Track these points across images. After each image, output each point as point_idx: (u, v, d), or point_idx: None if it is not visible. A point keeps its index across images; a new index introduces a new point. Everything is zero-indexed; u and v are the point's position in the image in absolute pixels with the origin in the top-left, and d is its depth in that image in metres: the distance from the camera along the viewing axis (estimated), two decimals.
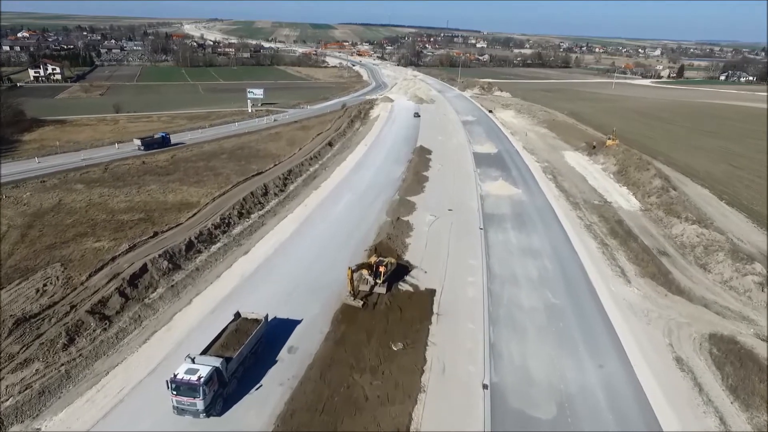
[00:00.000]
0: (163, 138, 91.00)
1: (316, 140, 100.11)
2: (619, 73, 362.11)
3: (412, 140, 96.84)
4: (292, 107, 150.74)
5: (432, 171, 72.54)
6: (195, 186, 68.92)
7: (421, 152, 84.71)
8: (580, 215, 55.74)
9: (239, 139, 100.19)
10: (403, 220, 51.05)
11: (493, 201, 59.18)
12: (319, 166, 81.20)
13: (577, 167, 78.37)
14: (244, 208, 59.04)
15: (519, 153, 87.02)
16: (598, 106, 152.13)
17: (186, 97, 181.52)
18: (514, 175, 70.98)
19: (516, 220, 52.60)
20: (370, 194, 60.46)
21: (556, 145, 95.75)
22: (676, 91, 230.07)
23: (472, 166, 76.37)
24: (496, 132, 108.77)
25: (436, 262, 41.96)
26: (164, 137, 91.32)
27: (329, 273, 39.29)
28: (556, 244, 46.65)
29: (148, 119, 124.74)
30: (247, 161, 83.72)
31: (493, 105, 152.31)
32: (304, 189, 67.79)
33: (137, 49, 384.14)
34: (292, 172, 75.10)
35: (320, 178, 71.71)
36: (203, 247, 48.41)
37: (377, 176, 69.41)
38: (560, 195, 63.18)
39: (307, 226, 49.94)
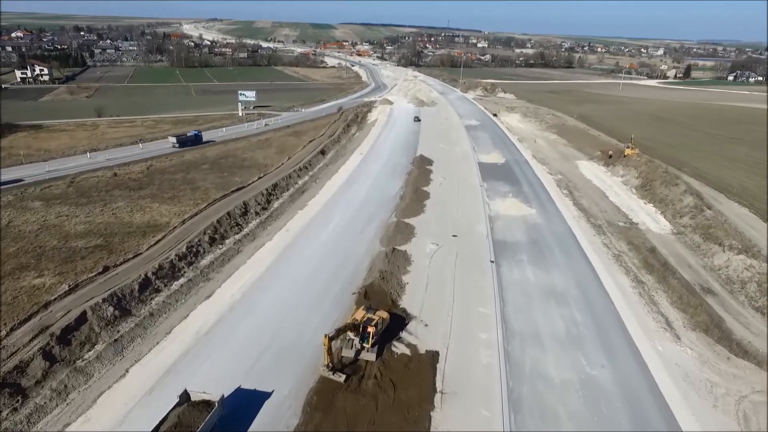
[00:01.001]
0: (196, 136, 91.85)
1: (307, 148, 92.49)
2: (624, 73, 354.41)
3: (412, 148, 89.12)
4: (286, 110, 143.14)
5: (433, 186, 64.83)
6: (168, 203, 61.46)
7: (422, 162, 77.01)
8: (605, 242, 48.02)
9: (225, 147, 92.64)
10: (400, 251, 43.36)
11: (504, 224, 51.47)
12: (309, 178, 73.56)
13: (594, 180, 70.64)
14: (218, 232, 51.39)
15: (528, 163, 79.26)
16: (608, 109, 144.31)
17: (176, 99, 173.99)
18: (525, 191, 63.24)
19: (532, 250, 44.87)
20: (362, 216, 52.76)
21: (568, 153, 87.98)
22: (686, 92, 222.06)
23: (478, 180, 68.65)
24: (502, 138, 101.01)
25: (438, 309, 34.31)
26: (196, 135, 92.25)
27: (306, 330, 31.62)
28: (583, 282, 38.94)
29: (130, 124, 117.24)
30: (230, 173, 76.27)
31: (497, 108, 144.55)
32: (289, 207, 60.16)
33: (132, 49, 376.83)
34: (278, 186, 67.44)
35: (308, 194, 64.06)
36: (163, 284, 40.79)
37: (372, 192, 61.72)
38: (580, 215, 55.46)
39: (285, 260, 42.20)
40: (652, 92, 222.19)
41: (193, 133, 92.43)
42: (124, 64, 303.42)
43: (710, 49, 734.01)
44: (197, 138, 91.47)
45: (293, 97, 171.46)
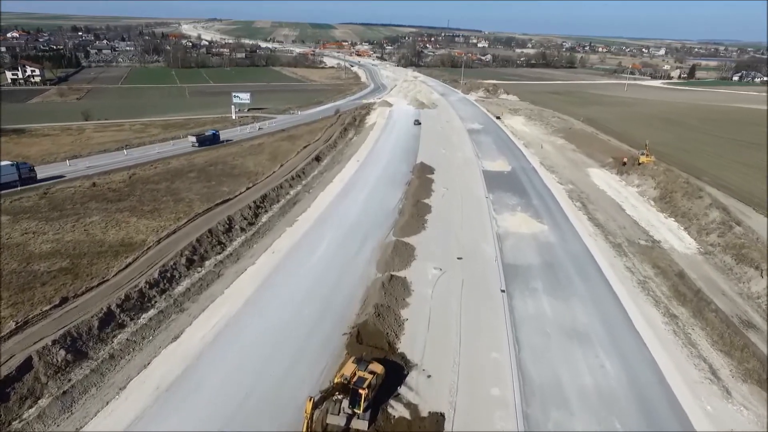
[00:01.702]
0: (214, 135, 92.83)
1: (302, 154, 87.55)
2: (628, 73, 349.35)
3: (412, 154, 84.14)
4: (281, 113, 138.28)
5: (435, 198, 59.83)
6: (147, 217, 56.57)
7: (422, 170, 72.03)
8: (628, 265, 43.02)
9: (215, 152, 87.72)
10: (399, 278, 38.36)
11: (513, 243, 46.46)
12: (301, 188, 68.67)
13: (608, 191, 65.63)
14: (197, 252, 46.44)
15: (536, 171, 74.24)
16: (615, 112, 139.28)
17: (169, 101, 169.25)
18: (535, 204, 58.21)
19: (547, 276, 39.85)
20: (357, 234, 47.73)
21: (577, 160, 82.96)
22: (692, 93, 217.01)
23: (484, 190, 63.65)
24: (507, 143, 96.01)
25: (443, 355, 29.33)
26: (214, 134, 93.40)
27: (287, 384, 26.66)
28: (609, 318, 33.91)
29: (118, 128, 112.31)
30: (218, 182, 71.35)
31: (500, 110, 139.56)
32: (278, 222, 55.19)
33: (129, 49, 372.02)
34: (268, 198, 62.51)
35: (300, 207, 59.06)
36: (129, 317, 35.88)
37: (368, 205, 56.71)
38: (596, 232, 50.45)
39: (268, 290, 37.18)
40: (658, 93, 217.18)
41: (211, 132, 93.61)
42: (119, 65, 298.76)
43: (712, 48, 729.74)
44: (215, 137, 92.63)
45: (290, 99, 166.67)
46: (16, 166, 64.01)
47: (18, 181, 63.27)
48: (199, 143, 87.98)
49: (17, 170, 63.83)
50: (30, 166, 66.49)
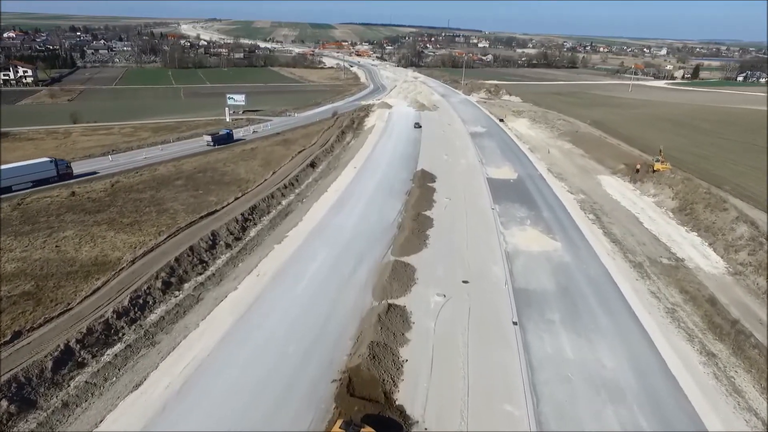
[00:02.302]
0: (228, 134, 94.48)
1: (296, 159, 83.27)
2: (630, 73, 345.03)
3: (412, 160, 79.80)
4: (278, 115, 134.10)
5: (437, 209, 55.47)
6: (126, 231, 52.47)
7: (423, 178, 67.69)
8: (652, 289, 38.65)
9: (205, 158, 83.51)
10: (397, 308, 34.02)
11: (524, 264, 42.09)
12: (294, 198, 64.40)
13: (623, 201, 61.24)
14: (176, 273, 42.14)
15: (544, 179, 69.85)
16: (622, 114, 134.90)
17: (163, 102, 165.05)
18: (545, 217, 53.82)
19: (564, 304, 35.47)
20: (351, 253, 43.36)
21: (587, 166, 78.57)
22: (698, 94, 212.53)
23: (489, 201, 59.26)
24: (512, 148, 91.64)
25: (449, 408, 24.98)
26: (228, 133, 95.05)
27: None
28: (639, 359, 29.50)
29: (106, 131, 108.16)
30: (206, 190, 67.21)
31: (503, 112, 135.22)
32: (267, 236, 50.84)
33: (126, 49, 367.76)
34: (257, 209, 58.20)
35: (291, 219, 54.72)
36: (90, 355, 31.61)
37: (365, 219, 52.31)
38: (614, 250, 46.07)
39: (249, 323, 32.79)
40: (663, 94, 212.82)
41: (225, 131, 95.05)
42: (115, 65, 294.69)
43: (713, 48, 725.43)
44: (229, 136, 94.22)
45: (287, 100, 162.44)
46: (55, 163, 66.19)
47: (56, 177, 65.71)
48: (214, 142, 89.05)
49: (55, 166, 66.03)
50: (67, 163, 68.59)
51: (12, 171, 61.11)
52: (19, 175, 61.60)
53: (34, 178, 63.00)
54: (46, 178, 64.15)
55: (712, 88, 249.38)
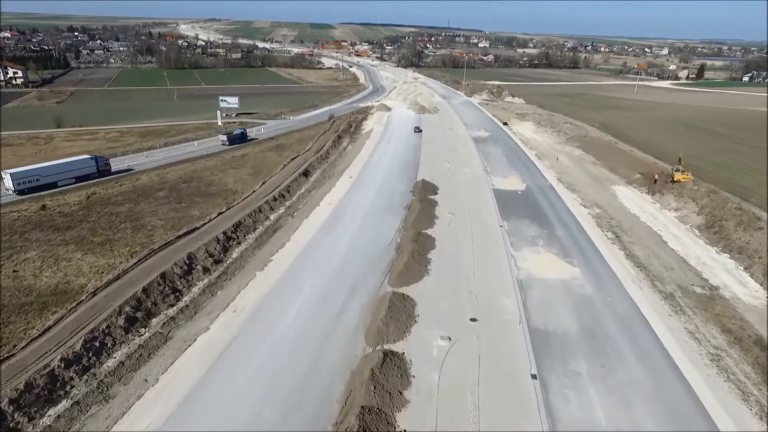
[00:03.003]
0: (242, 133, 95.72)
1: (288, 167, 78.13)
2: (633, 73, 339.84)
3: (412, 168, 74.59)
4: (272, 118, 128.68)
5: (440, 227, 50.26)
6: (96, 252, 47.46)
7: (424, 190, 62.48)
8: (689, 328, 33.44)
9: (192, 166, 78.33)
10: (395, 356, 28.81)
11: (540, 296, 36.89)
12: (284, 211, 59.28)
13: (642, 216, 55.98)
14: (143, 306, 37.08)
15: (555, 190, 64.61)
16: (631, 117, 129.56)
17: (155, 105, 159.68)
18: (560, 236, 48.57)
19: (591, 350, 30.23)
20: (343, 282, 38.15)
21: (599, 175, 73.30)
22: (706, 95, 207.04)
23: (496, 216, 54.03)
24: (518, 154, 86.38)
25: None
26: (242, 132, 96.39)
27: None
28: (687, 426, 24.32)
29: (91, 136, 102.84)
30: (189, 203, 62.13)
31: (506, 115, 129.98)
32: (250, 259, 45.71)
33: (122, 50, 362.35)
34: (242, 225, 53.08)
35: (278, 239, 49.51)
36: (26, 418, 26.52)
37: (359, 239, 47.07)
38: (639, 276, 40.85)
39: (218, 377, 27.55)
40: (670, 95, 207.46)
41: (240, 131, 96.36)
42: (110, 66, 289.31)
43: (715, 48, 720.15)
44: (243, 135, 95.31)
45: (284, 102, 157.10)
46: (95, 160, 69.20)
47: (96, 173, 68.66)
48: (229, 142, 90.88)
49: (95, 163, 69.02)
50: (106, 160, 71.70)
51: (56, 167, 64.84)
52: (63, 171, 65.05)
53: (76, 174, 66.15)
54: (87, 174, 67.19)
55: (718, 89, 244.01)
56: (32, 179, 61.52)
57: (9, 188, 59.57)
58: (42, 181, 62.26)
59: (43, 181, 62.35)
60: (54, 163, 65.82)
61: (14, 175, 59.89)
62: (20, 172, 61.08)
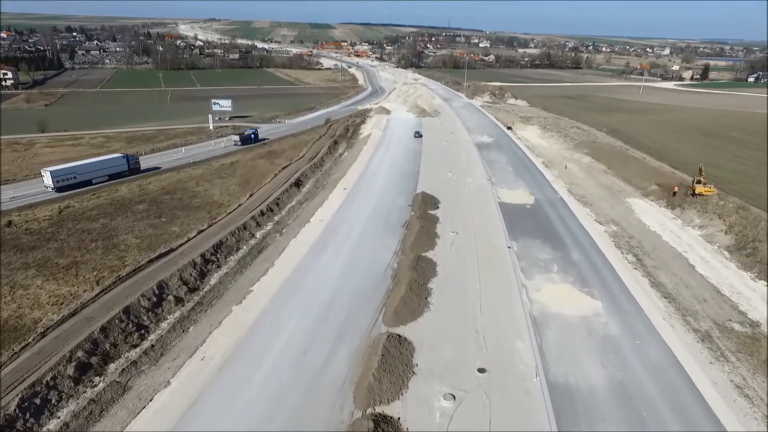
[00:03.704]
0: (253, 134, 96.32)
1: (280, 177, 73.29)
2: (637, 74, 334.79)
3: (412, 178, 69.65)
4: (267, 121, 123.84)
5: (442, 249, 45.29)
6: (59, 277, 42.92)
7: (424, 204, 57.50)
8: (736, 381, 28.44)
9: (177, 175, 73.59)
10: (389, 422, 23.90)
11: (558, 338, 31.89)
12: (271, 228, 54.36)
13: (664, 234, 50.95)
14: (100, 349, 32.31)
15: (567, 204, 59.59)
16: (640, 120, 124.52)
17: (147, 107, 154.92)
18: (575, 260, 43.57)
19: (626, 416, 25.15)
20: (331, 321, 33.17)
21: (613, 186, 68.28)
22: (715, 97, 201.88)
23: (504, 235, 49.04)
24: (524, 162, 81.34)
25: None
26: (254, 133, 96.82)
27: None
28: None
29: (74, 142, 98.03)
30: (170, 217, 57.46)
31: (510, 118, 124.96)
32: (229, 288, 40.81)
33: (119, 50, 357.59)
34: (224, 246, 48.16)
35: (261, 263, 44.55)
36: None
37: (352, 265, 42.03)
38: (669, 311, 35.87)
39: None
40: (677, 96, 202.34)
41: (251, 131, 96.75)
42: (105, 67, 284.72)
43: (717, 48, 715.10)
44: (255, 136, 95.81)
45: (280, 104, 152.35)
46: (126, 158, 71.56)
47: (127, 171, 70.88)
48: (242, 142, 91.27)
49: (127, 161, 71.26)
50: (136, 159, 73.89)
51: (91, 166, 67.08)
52: (97, 169, 67.23)
53: (109, 172, 68.34)
54: (119, 172, 69.35)
55: (725, 90, 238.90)
56: (69, 177, 63.64)
57: (48, 185, 62.11)
58: (78, 179, 64.42)
59: (79, 179, 64.51)
60: (89, 162, 68.17)
61: (54, 173, 62.09)
62: (59, 170, 63.28)
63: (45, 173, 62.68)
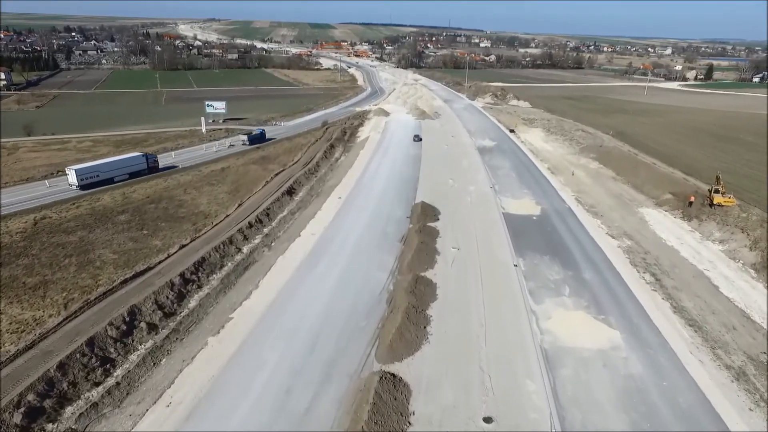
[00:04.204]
0: (261, 133, 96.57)
1: (271, 184, 69.63)
2: (639, 74, 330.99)
3: (411, 186, 65.94)
4: (262, 124, 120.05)
5: (442, 267, 41.57)
6: (23, 300, 39.64)
7: (423, 215, 53.78)
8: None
9: (164, 182, 70.02)
10: None
11: (573, 378, 28.14)
12: (259, 242, 50.72)
13: (682, 249, 47.15)
14: (55, 391, 28.55)
15: (575, 215, 55.83)
16: (647, 123, 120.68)
17: (141, 109, 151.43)
18: (588, 280, 39.82)
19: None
20: (316, 359, 29.39)
21: (623, 195, 64.52)
22: (722, 98, 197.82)
23: (510, 251, 45.29)
24: (529, 168, 77.58)
25: None
26: (261, 132, 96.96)
27: None
28: None
29: (61, 146, 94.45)
30: (153, 229, 53.94)
31: (512, 120, 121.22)
32: (209, 312, 37.12)
33: (117, 50, 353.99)
34: (207, 263, 44.49)
35: (245, 284, 40.82)
36: None
37: (341, 289, 38.16)
38: (696, 342, 32.12)
39: None
40: (682, 97, 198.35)
41: (259, 130, 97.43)
42: (101, 67, 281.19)
43: (719, 48, 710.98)
44: (262, 135, 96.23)
45: (277, 106, 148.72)
46: (145, 157, 72.98)
47: (146, 169, 71.96)
48: (249, 141, 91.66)
49: (146, 160, 72.51)
50: (155, 157, 75.32)
51: (113, 164, 68.34)
52: (119, 167, 68.47)
53: (130, 170, 69.53)
54: (139, 170, 70.52)
55: (731, 91, 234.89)
56: (93, 175, 64.80)
57: (73, 183, 63.21)
58: (101, 177, 65.54)
59: (102, 177, 65.65)
60: (111, 160, 69.56)
61: (78, 171, 63.32)
62: (83, 168, 64.48)
63: (69, 171, 63.64)
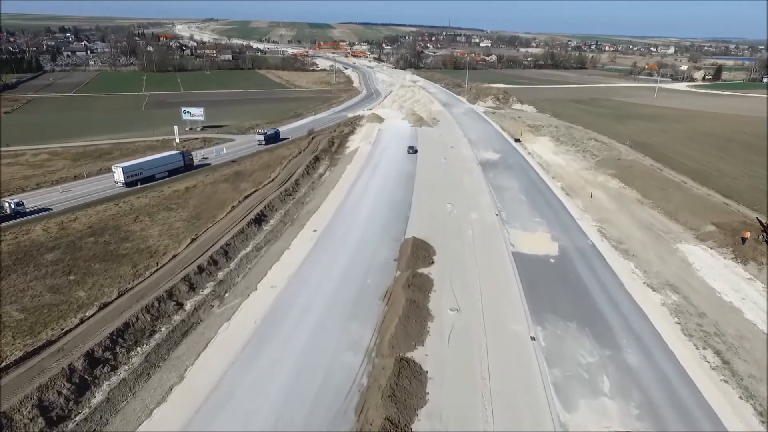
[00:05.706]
0: (275, 133, 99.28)
1: (239, 209, 59.35)
2: (645, 74, 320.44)
3: (401, 214, 55.46)
4: (244, 132, 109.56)
5: (434, 343, 31.05)
6: None
7: (414, 258, 43.25)
8: None
9: (115, 207, 60.02)
10: None
11: None
12: (209, 293, 40.40)
13: (744, 307, 36.52)
14: None
15: (603, 256, 45.16)
16: (666, 130, 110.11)
17: (117, 115, 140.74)
18: (632, 365, 29.25)
19: None
20: None
21: (654, 223, 53.98)
22: (737, 101, 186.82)
23: (525, 316, 34.84)
24: (539, 188, 67.05)
25: None
26: (276, 132, 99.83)
27: None
28: None
29: (12, 160, 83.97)
30: (83, 274, 44.07)
31: (517, 127, 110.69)
32: (144, 389, 26.81)
33: (107, 51, 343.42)
34: (131, 330, 34.17)
35: (168, 372, 30.32)
36: None
37: (297, 384, 27.66)
38: None
39: None
40: (695, 100, 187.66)
41: (273, 130, 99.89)
42: (88, 69, 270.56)
43: (722, 47, 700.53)
44: (276, 135, 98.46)
45: (265, 111, 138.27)
46: (182, 155, 76.26)
47: (183, 167, 74.68)
48: (266, 141, 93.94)
49: (183, 158, 75.55)
50: (190, 155, 78.31)
51: (154, 162, 71.23)
52: (159, 165, 71.48)
53: (169, 168, 72.51)
54: (176, 168, 73.56)
55: (743, 92, 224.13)
56: (138, 172, 68.15)
57: (119, 181, 66.26)
58: (144, 174, 68.80)
59: (145, 174, 68.87)
60: (153, 158, 72.31)
61: (125, 169, 66.65)
62: (129, 166, 68.15)
63: (116, 169, 66.82)
